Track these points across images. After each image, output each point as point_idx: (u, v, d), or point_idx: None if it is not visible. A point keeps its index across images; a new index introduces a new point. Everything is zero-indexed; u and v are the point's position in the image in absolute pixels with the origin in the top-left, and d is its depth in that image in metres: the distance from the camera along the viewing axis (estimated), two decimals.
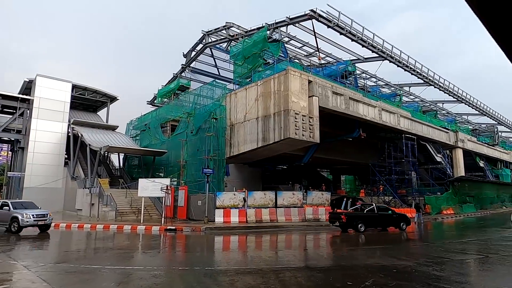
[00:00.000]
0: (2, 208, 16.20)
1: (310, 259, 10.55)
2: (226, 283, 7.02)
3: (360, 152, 31.99)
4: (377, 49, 29.01)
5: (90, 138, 30.63)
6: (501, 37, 4.08)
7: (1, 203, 16.62)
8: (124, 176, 32.27)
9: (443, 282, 7.09)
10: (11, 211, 15.92)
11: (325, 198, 23.98)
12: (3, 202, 16.71)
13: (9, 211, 15.94)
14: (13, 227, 15.53)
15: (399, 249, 12.89)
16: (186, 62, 37.58)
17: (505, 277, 7.98)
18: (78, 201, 28.50)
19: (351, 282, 6.93)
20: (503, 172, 51.02)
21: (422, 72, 35.33)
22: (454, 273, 8.17)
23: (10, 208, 16.04)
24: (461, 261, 9.93)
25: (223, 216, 20.46)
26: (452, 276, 7.80)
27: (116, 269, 8.45)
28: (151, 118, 34.51)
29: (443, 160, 35.21)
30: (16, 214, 15.73)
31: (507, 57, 4.58)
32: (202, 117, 25.12)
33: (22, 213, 15.75)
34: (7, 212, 16.00)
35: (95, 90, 38.95)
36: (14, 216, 15.65)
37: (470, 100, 45.28)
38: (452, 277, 7.64)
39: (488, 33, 4.01)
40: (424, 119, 34.67)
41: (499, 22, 3.75)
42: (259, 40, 24.88)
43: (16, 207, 16.35)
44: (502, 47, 4.29)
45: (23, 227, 15.62)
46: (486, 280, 7.64)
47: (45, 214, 16.69)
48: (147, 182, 21.85)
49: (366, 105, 25.51)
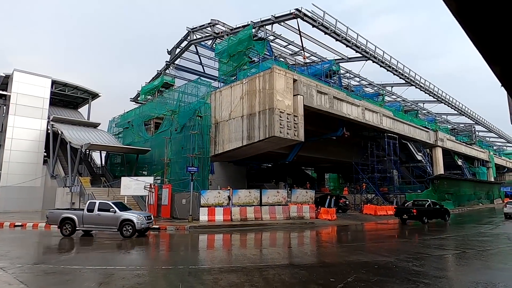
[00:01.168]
0: (109, 211, 14.51)
1: (294, 256, 10.64)
2: (210, 282, 7.00)
3: (343, 151, 32.47)
4: (360, 49, 29.43)
5: (71, 135, 29.85)
6: (479, 40, 4.22)
7: (98, 204, 14.86)
8: (106, 175, 31.63)
9: (422, 277, 7.30)
10: (117, 213, 14.44)
11: (310, 196, 24.22)
12: (104, 203, 14.98)
13: (115, 214, 14.41)
14: (126, 231, 14.09)
15: (378, 245, 13.18)
16: (171, 59, 37.10)
17: (481, 271, 8.29)
18: (58, 200, 27.73)
19: (333, 279, 7.04)
20: (479, 170, 52.86)
21: (404, 73, 36.09)
22: (433, 268, 8.42)
23: (116, 211, 14.51)
24: (440, 256, 10.24)
25: (207, 214, 20.36)
26: (431, 271, 8.04)
27: (97, 269, 8.29)
28: (134, 116, 33.93)
29: (423, 159, 36.18)
30: (128, 216, 14.38)
31: (484, 59, 4.73)
32: (186, 115, 24.89)
33: (135, 215, 14.56)
34: (113, 215, 14.45)
35: (76, 86, 37.95)
36: (127, 219, 14.27)
37: (450, 100, 46.65)
38: (431, 272, 7.88)
39: (467, 37, 4.13)
40: (405, 118, 35.49)
41: (477, 26, 3.87)
42: (244, 38, 24.82)
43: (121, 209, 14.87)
44: (480, 49, 4.44)
45: (137, 231, 14.33)
46: (463, 275, 7.91)
47: (150, 216, 15.68)
48: (130, 181, 21.52)
49: (350, 104, 25.88)
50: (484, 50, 4.49)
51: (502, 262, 9.76)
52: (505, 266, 9.11)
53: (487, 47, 4.38)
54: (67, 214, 14.64)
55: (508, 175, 73.49)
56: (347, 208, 27.72)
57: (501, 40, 4.11)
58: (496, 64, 4.85)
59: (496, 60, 4.76)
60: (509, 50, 4.36)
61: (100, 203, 14.87)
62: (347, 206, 27.86)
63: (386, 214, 26.21)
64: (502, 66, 4.86)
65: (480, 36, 4.11)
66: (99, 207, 14.62)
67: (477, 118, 55.81)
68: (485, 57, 4.69)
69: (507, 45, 4.24)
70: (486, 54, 4.62)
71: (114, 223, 14.31)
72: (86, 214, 14.53)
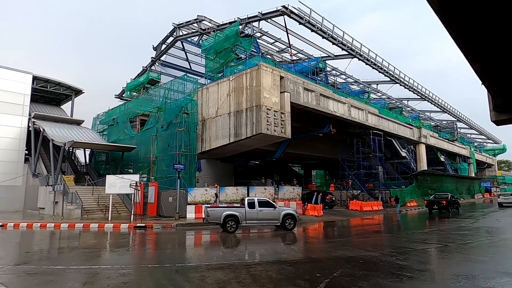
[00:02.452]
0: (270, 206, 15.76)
1: (281, 252, 10.70)
2: (197, 279, 6.97)
3: (330, 148, 32.79)
4: (346, 47, 29.69)
5: (53, 133, 29.08)
6: (460, 38, 4.31)
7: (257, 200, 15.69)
8: (90, 173, 31.03)
9: (406, 271, 7.46)
10: (278, 209, 15.76)
11: (297, 192, 24.40)
12: (263, 200, 16.21)
13: (275, 209, 15.60)
14: (289, 224, 15.41)
15: (364, 240, 13.41)
16: (156, 55, 36.58)
17: (461, 264, 8.54)
18: (41, 199, 27.04)
19: (320, 274, 7.12)
20: (461, 166, 54.39)
21: (389, 70, 36.65)
22: (416, 262, 8.63)
23: (276, 206, 15.97)
24: (423, 250, 10.49)
25: (194, 212, 20.26)
26: (414, 264, 8.23)
27: (81, 269, 8.14)
28: (119, 113, 33.33)
29: (407, 155, 36.92)
30: (289, 211, 15.92)
31: (465, 56, 4.84)
32: (173, 112, 24.62)
33: (292, 210, 16.38)
34: (274, 210, 15.56)
35: (58, 83, 36.95)
36: (288, 213, 15.67)
37: (433, 98, 47.70)
38: (414, 266, 8.07)
39: (449, 35, 4.22)
40: (390, 115, 36.09)
41: (458, 25, 3.96)
42: (231, 35, 24.67)
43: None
44: (461, 47, 4.54)
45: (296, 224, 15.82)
46: (445, 268, 8.13)
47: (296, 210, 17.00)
48: (115, 179, 21.15)
49: (336, 101, 26.12)
50: (465, 48, 4.60)
51: (481, 255, 10.07)
52: (485, 258, 9.40)
53: (468, 45, 4.49)
54: (230, 212, 15.24)
55: (488, 171, 75.87)
56: (334, 204, 28.07)
57: (481, 38, 4.22)
58: (476, 61, 4.97)
59: (476, 58, 4.88)
60: (488, 48, 4.48)
61: (259, 200, 15.83)
62: (334, 202, 28.22)
63: (372, 210, 26.68)
64: (482, 64, 4.99)
65: (461, 35, 4.21)
66: (259, 204, 15.48)
67: (459, 115, 57.30)
68: (466, 55, 4.80)
69: (486, 43, 4.35)
70: (467, 52, 4.73)
71: (276, 218, 15.44)
72: (248, 210, 15.22)
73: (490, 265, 8.29)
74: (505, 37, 4.16)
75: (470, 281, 6.68)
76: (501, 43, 4.36)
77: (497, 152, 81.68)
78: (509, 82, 5.60)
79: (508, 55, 4.66)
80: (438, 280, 7.09)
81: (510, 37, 4.12)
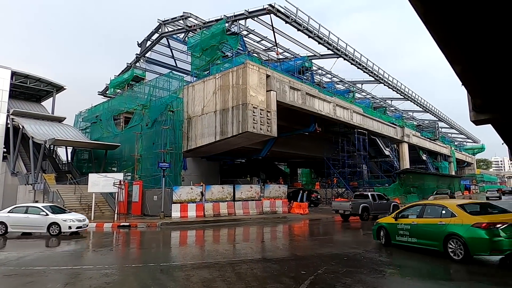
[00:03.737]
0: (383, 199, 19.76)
1: (266, 250, 10.74)
2: (181, 279, 6.92)
3: (315, 146, 33.11)
4: (332, 46, 29.99)
5: (33, 130, 28.24)
6: (442, 41, 4.41)
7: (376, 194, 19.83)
8: (72, 171, 30.30)
9: (388, 267, 7.62)
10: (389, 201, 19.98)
11: (282, 191, 24.52)
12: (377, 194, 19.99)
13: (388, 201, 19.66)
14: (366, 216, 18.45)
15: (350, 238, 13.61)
16: (141, 51, 35.97)
17: (441, 259, 8.75)
18: (20, 199, 26.23)
19: (304, 271, 7.18)
20: (442, 165, 55.90)
21: (373, 70, 37.24)
22: (398, 258, 8.82)
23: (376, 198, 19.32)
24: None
25: (180, 211, 20.09)
26: (397, 261, 8.43)
27: (62, 270, 7.95)
28: (103, 110, 32.67)
29: (391, 154, 37.67)
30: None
31: (447, 58, 4.96)
32: (158, 110, 24.31)
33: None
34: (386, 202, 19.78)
35: (39, 78, 35.82)
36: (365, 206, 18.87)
37: (415, 98, 48.77)
38: (397, 262, 8.26)
39: (432, 38, 4.32)
40: (374, 115, 36.69)
41: (440, 28, 4.05)
42: (217, 32, 24.52)
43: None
44: (442, 49, 4.65)
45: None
46: (426, 263, 8.34)
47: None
48: (98, 177, 20.75)
49: (322, 100, 26.37)
50: (447, 50, 4.72)
51: None
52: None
53: (449, 48, 4.61)
54: (364, 204, 18.52)
55: (468, 169, 78.19)
56: (319, 202, 28.38)
57: (461, 41, 4.34)
58: (457, 63, 5.11)
59: (456, 60, 5.02)
60: (469, 51, 4.61)
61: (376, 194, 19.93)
62: (319, 200, 28.54)
63: None
64: (462, 66, 5.13)
65: (443, 37, 4.31)
66: (377, 197, 19.45)
67: (440, 115, 58.80)
68: (447, 57, 4.92)
69: (467, 47, 4.48)
70: (448, 54, 4.85)
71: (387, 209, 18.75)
72: (374, 203, 18.86)
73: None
74: (485, 41, 4.28)
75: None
76: (480, 47, 4.49)
77: (476, 151, 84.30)
78: (487, 84, 5.78)
79: (487, 59, 4.81)
80: (418, 275, 7.27)
81: (489, 41, 4.25)
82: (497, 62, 4.95)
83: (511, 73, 5.28)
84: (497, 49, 4.52)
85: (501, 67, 5.13)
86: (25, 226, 14.36)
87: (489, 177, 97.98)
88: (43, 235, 13.97)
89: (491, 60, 4.91)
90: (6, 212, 14.82)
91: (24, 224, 14.31)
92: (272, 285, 6.28)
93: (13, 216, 14.42)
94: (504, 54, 4.63)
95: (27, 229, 14.52)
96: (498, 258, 7.88)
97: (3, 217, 14.45)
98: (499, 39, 4.21)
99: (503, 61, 4.90)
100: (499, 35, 4.05)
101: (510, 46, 4.37)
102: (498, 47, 4.46)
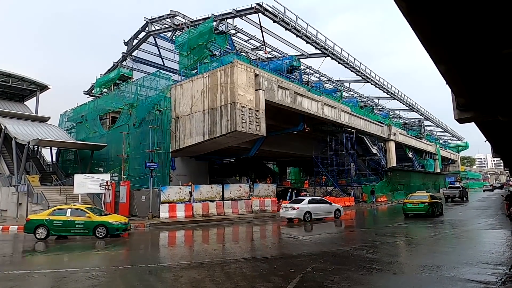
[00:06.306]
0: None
1: (255, 250, 10.75)
2: (170, 279, 6.86)
3: (304, 145, 33.28)
4: (320, 46, 30.15)
5: (16, 130, 27.51)
6: (426, 40, 4.48)
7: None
8: (57, 172, 29.66)
9: (376, 264, 7.72)
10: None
11: (271, 190, 24.56)
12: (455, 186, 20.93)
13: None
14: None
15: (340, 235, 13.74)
16: (128, 50, 35.44)
17: (426, 255, 8.94)
18: (2, 201, 25.53)
19: (293, 270, 7.21)
20: (428, 162, 57.00)
21: (361, 70, 37.62)
22: (385, 254, 8.96)
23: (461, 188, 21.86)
24: (392, 243, 10.90)
25: (168, 211, 19.92)
26: (384, 257, 8.55)
27: (47, 273, 7.78)
28: (89, 109, 32.07)
29: (378, 152, 38.19)
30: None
31: (431, 57, 5.04)
32: (145, 109, 24.01)
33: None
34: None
35: (21, 77, 34.87)
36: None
37: (401, 96, 49.52)
38: (383, 259, 8.37)
39: (416, 37, 4.39)
40: (362, 113, 37.11)
41: (424, 27, 4.11)
42: (205, 31, 24.36)
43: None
44: (427, 48, 4.72)
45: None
46: (411, 259, 8.50)
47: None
48: (84, 178, 20.40)
49: (310, 99, 26.51)
50: (431, 50, 4.79)
51: (445, 246, 10.59)
52: (448, 250, 9.90)
53: (434, 47, 4.68)
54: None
55: (452, 166, 80.00)
56: None
57: (446, 41, 4.42)
58: (441, 63, 5.20)
59: (441, 60, 5.10)
60: (453, 50, 4.70)
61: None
62: None
63: (344, 205, 27.29)
64: (446, 65, 5.22)
65: (428, 37, 4.38)
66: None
67: (426, 113, 59.87)
68: (432, 56, 5.00)
69: (451, 46, 4.56)
70: (433, 53, 4.93)
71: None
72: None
73: (452, 256, 8.74)
74: (468, 40, 4.37)
75: (435, 271, 7.01)
76: (464, 47, 4.58)
77: (461, 148, 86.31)
78: (471, 83, 5.90)
79: (470, 58, 4.91)
80: (405, 271, 7.39)
81: (472, 41, 4.33)
82: (480, 61, 5.06)
83: (493, 72, 5.41)
84: (480, 49, 4.63)
85: (484, 67, 5.25)
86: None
87: (473, 174, 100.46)
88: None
89: (474, 60, 5.01)
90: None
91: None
92: (261, 284, 6.28)
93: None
94: (487, 53, 4.74)
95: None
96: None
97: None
98: (482, 39, 4.30)
99: (485, 61, 5.02)
100: (481, 34, 4.14)
101: (492, 45, 4.47)
102: (480, 47, 4.56)
